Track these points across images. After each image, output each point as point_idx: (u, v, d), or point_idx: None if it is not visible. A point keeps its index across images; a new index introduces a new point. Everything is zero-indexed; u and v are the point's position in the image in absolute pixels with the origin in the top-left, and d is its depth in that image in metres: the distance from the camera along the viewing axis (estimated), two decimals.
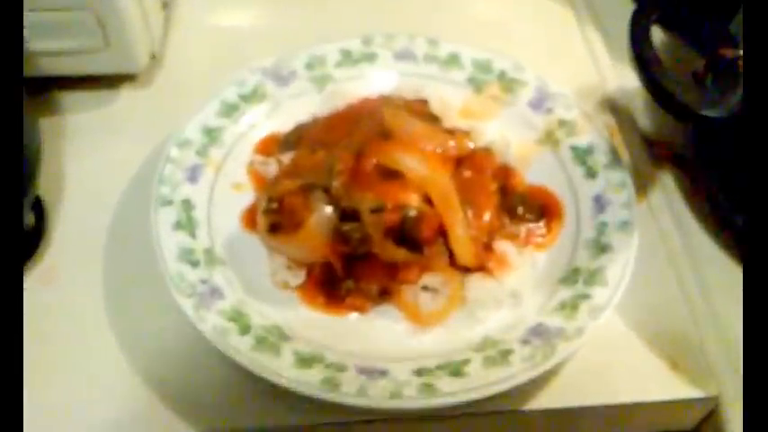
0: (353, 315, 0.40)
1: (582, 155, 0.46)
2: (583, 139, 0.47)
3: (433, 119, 0.45)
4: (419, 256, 0.39)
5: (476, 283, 0.40)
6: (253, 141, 0.47)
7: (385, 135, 0.42)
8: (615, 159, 0.45)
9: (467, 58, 0.51)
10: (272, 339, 0.38)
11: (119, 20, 0.46)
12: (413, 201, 0.39)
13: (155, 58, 0.52)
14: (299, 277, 0.41)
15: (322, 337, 0.39)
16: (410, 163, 0.40)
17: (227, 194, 0.45)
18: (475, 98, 0.50)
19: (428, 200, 0.40)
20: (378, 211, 0.39)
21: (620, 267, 0.40)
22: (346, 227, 0.39)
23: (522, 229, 0.43)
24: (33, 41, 0.46)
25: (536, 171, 0.47)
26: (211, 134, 0.47)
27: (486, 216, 0.42)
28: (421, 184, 0.40)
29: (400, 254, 0.39)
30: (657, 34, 0.48)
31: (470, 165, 0.43)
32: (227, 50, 0.56)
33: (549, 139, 0.48)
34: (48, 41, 0.46)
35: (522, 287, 0.41)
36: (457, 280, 0.40)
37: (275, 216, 0.40)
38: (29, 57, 0.47)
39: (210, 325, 0.38)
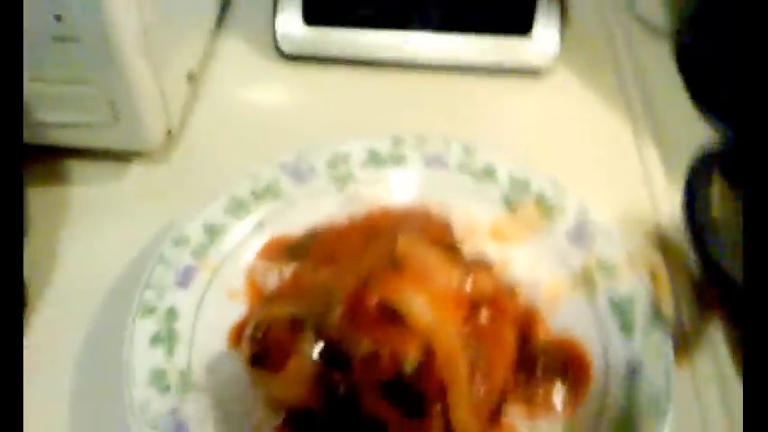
0: None
1: (619, 306, 0.41)
2: (623, 287, 0.41)
3: (454, 249, 0.40)
4: (411, 421, 0.34)
5: None
6: (258, 244, 0.44)
7: (395, 265, 0.37)
8: (657, 318, 0.40)
9: (503, 172, 0.46)
10: None
11: (129, 97, 0.43)
12: (413, 352, 0.34)
13: (171, 135, 0.49)
14: (276, 418, 0.37)
15: None
16: (415, 306, 0.35)
17: (220, 303, 0.41)
18: (507, 219, 0.45)
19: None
20: (370, 359, 0.34)
21: None
22: (333, 375, 0.34)
23: (539, 391, 0.38)
24: (36, 112, 0.43)
25: (565, 318, 0.41)
26: (213, 232, 0.43)
27: (499, 375, 0.37)
28: (425, 334, 0.35)
29: (391, 414, 0.34)
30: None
31: (489, 306, 0.38)
32: (253, 133, 0.52)
33: (585, 281, 0.42)
34: (52, 113, 0.43)
35: None
36: None
37: (258, 347, 0.36)
38: (32, 125, 0.44)
39: None
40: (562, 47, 0.55)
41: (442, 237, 0.40)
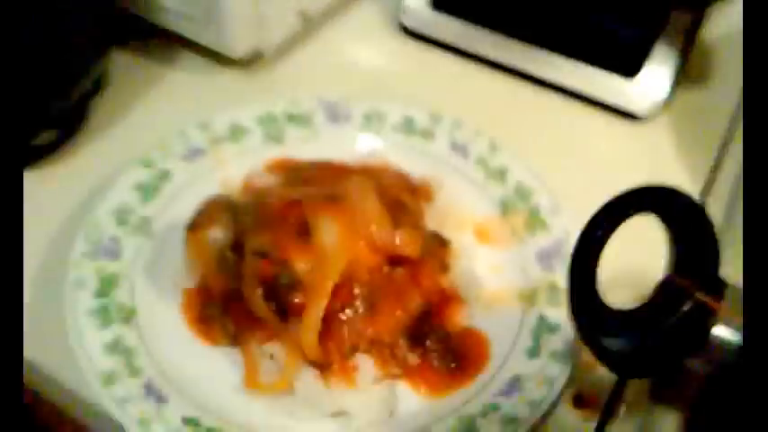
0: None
1: (543, 329, 0.39)
2: (558, 314, 0.39)
3: (403, 211, 0.41)
4: (278, 322, 0.37)
5: (308, 378, 0.36)
6: (271, 156, 0.48)
7: (335, 197, 0.40)
8: (567, 353, 0.37)
9: (513, 177, 0.46)
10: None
11: (220, 4, 0.50)
12: (299, 266, 0.37)
13: (258, 55, 0.56)
14: (189, 282, 0.41)
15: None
16: (325, 229, 0.37)
17: (212, 187, 0.45)
18: (497, 221, 0.45)
19: None
20: (259, 255, 0.37)
21: None
22: (230, 256, 0.38)
23: (416, 361, 0.38)
24: None
25: (489, 319, 0.40)
26: (237, 131, 0.48)
27: (378, 326, 0.37)
28: (316, 251, 0.37)
29: (261, 308, 0.37)
30: None
31: (409, 270, 0.39)
32: (343, 83, 0.57)
33: (529, 298, 0.41)
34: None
35: (352, 412, 0.36)
36: (295, 364, 0.36)
37: (197, 214, 0.40)
38: (152, 7, 0.53)
39: (77, 274, 0.39)
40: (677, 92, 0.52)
41: (398, 197, 0.41)
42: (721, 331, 0.28)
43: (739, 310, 0.28)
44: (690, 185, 0.50)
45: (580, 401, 0.38)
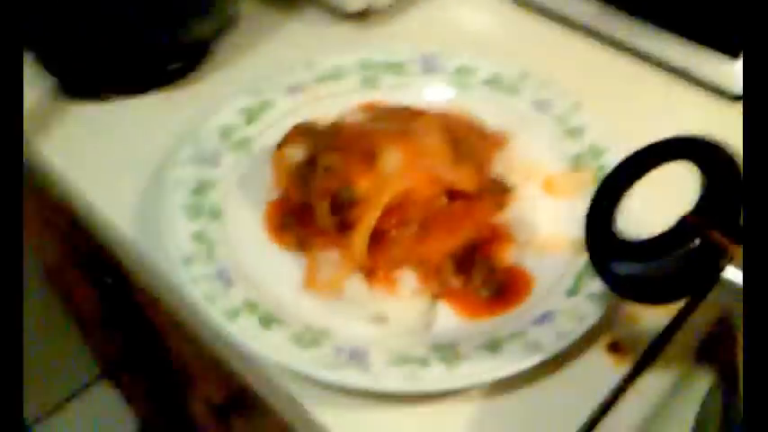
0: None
1: (587, 275, 0.40)
2: None
3: (468, 153, 0.43)
4: (337, 232, 0.41)
5: (356, 282, 0.40)
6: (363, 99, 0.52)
7: (405, 132, 0.43)
8: (602, 299, 0.38)
9: (589, 136, 0.47)
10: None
11: None
12: (361, 184, 0.40)
13: (371, 11, 0.60)
14: (273, 195, 0.46)
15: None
16: (389, 156, 0.41)
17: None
18: (566, 175, 0.47)
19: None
20: (328, 171, 0.41)
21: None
22: (306, 171, 0.42)
23: (458, 285, 0.40)
24: None
25: (538, 260, 0.42)
26: (334, 74, 0.53)
27: (427, 248, 0.40)
28: (380, 176, 0.41)
29: (325, 219, 0.41)
30: None
31: (465, 203, 0.42)
32: (446, 39, 0.60)
33: (581, 248, 0.42)
34: None
35: (393, 316, 0.39)
36: (346, 270, 0.40)
37: (282, 137, 0.45)
38: None
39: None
40: None
41: (466, 138, 0.44)
42: (733, 275, 0.28)
43: None
44: None
45: (616, 348, 0.40)
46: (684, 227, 0.30)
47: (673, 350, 0.40)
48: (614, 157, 0.45)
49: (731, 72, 0.52)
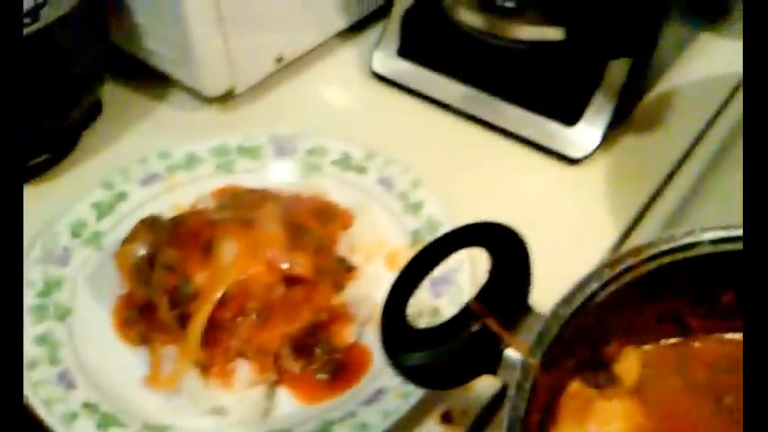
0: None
1: None
2: None
3: (303, 234, 0.45)
4: (177, 328, 0.42)
5: (192, 378, 0.41)
6: (221, 183, 0.54)
7: (244, 220, 0.45)
8: None
9: (427, 211, 0.50)
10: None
11: (192, 48, 0.57)
12: (198, 278, 0.42)
13: (234, 96, 0.62)
14: (122, 290, 0.47)
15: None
16: (226, 248, 0.43)
17: (162, 208, 0.52)
18: (407, 250, 0.49)
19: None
20: (167, 268, 0.42)
21: None
22: (145, 266, 0.44)
23: (297, 370, 0.42)
24: (143, 39, 0.59)
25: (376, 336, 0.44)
26: (192, 160, 0.55)
27: (265, 336, 0.42)
28: (218, 270, 0.42)
29: (166, 315, 0.42)
30: None
31: (303, 289, 0.44)
32: (310, 120, 0.62)
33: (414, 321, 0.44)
34: (147, 40, 0.59)
35: (230, 409, 0.40)
36: (184, 366, 0.41)
37: (130, 231, 0.47)
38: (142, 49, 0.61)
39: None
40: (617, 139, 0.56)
41: (304, 222, 0.46)
42: (509, 354, 0.31)
43: (537, 337, 0.31)
44: (613, 227, 0.52)
45: (447, 419, 0.42)
46: (467, 313, 0.32)
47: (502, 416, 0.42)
48: (445, 229, 0.48)
49: (566, 138, 0.56)
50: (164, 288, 0.42)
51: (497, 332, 0.31)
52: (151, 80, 0.64)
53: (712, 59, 0.64)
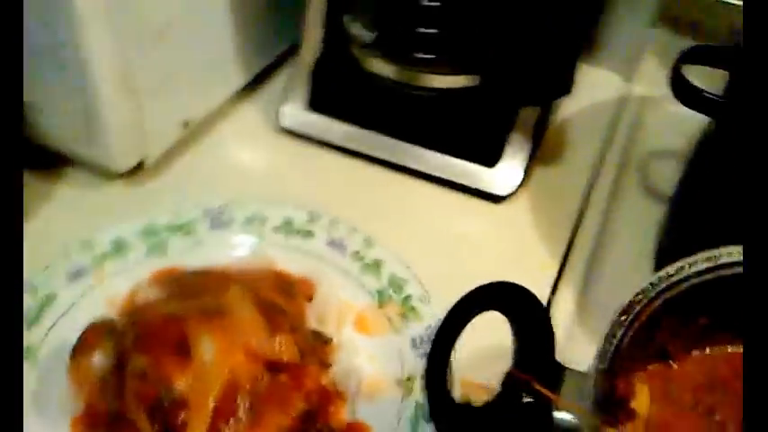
0: None
1: (419, 415, 0.42)
2: None
3: (278, 314, 0.43)
4: None
5: None
6: (155, 267, 0.50)
7: (213, 310, 0.42)
8: None
9: (387, 269, 0.49)
10: None
11: (99, 121, 0.52)
12: (180, 384, 0.38)
13: (144, 168, 0.58)
14: (76, 409, 0.42)
15: None
16: (203, 345, 0.39)
17: (97, 307, 0.46)
18: (374, 311, 0.48)
19: None
20: (140, 376, 0.38)
21: None
22: (112, 379, 0.39)
23: None
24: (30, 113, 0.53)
25: (370, 410, 0.43)
26: (120, 247, 0.50)
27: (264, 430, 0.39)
28: (200, 370, 0.39)
29: (147, 429, 0.38)
30: None
31: (290, 373, 0.41)
32: (228, 187, 0.59)
33: (406, 385, 0.44)
34: (42, 116, 0.53)
35: None
36: None
37: (78, 341, 0.42)
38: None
39: None
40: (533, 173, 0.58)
41: (273, 300, 0.44)
42: (562, 416, 0.31)
43: (578, 393, 0.32)
44: (548, 258, 0.55)
45: None
46: (512, 384, 0.32)
47: None
48: (412, 288, 0.48)
49: (490, 178, 0.58)
50: (140, 400, 0.38)
51: (549, 397, 0.31)
52: (46, 162, 0.58)
53: (593, 89, 0.69)
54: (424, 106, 0.60)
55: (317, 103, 0.63)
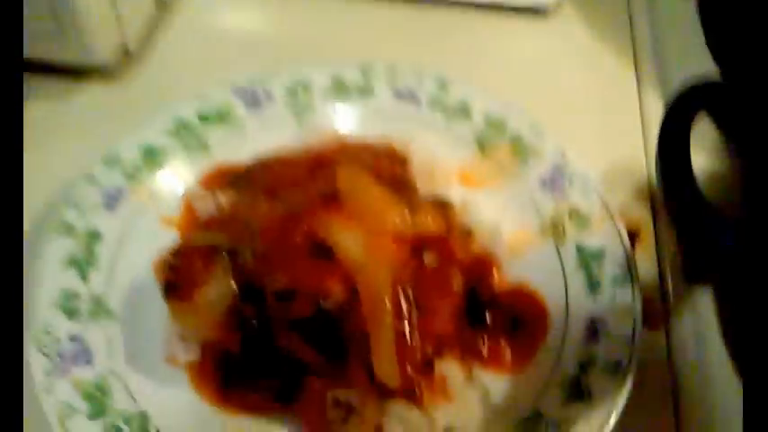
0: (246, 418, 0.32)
1: (588, 259, 0.36)
2: (594, 239, 0.37)
3: (404, 186, 0.36)
4: (331, 363, 0.31)
5: (399, 411, 0.31)
6: (201, 170, 0.40)
7: (331, 199, 0.33)
8: (626, 275, 0.35)
9: (479, 111, 0.42)
10: None
11: (71, 7, 0.40)
12: (335, 290, 0.31)
13: (129, 54, 0.46)
14: (191, 353, 0.33)
15: None
16: (346, 240, 0.31)
17: (152, 230, 0.38)
18: (478, 161, 0.41)
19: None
20: (285, 297, 0.30)
21: (597, 425, 0.30)
22: (245, 308, 0.31)
23: (485, 343, 0.34)
24: None
25: (527, 266, 0.37)
26: (152, 155, 0.39)
27: (439, 322, 0.33)
28: (352, 270, 0.31)
29: (308, 354, 0.31)
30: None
31: (436, 249, 0.34)
32: (225, 58, 0.48)
33: (555, 230, 0.38)
34: None
35: (461, 425, 0.31)
36: (375, 403, 0.31)
37: (172, 274, 0.32)
38: None
39: (56, 399, 0.30)
40: None
41: (393, 172, 0.36)
42: None
43: None
44: (621, 58, 0.49)
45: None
46: None
47: None
48: (519, 123, 0.41)
49: None
50: (288, 321, 0.30)
51: None
52: None
53: None
54: None
55: None
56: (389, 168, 0.36)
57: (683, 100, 0.30)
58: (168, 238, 0.37)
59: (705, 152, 0.36)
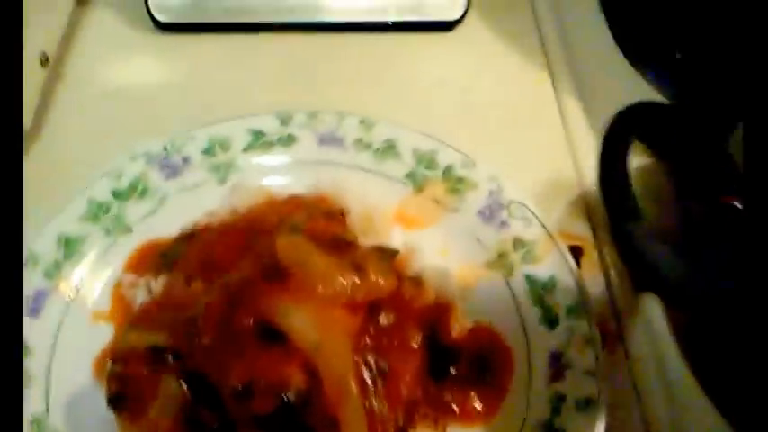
0: None
1: (539, 290, 0.36)
2: (543, 269, 0.37)
3: (345, 245, 0.34)
4: None
5: None
6: (125, 254, 0.38)
7: (272, 275, 0.32)
8: (580, 304, 0.35)
9: (407, 147, 0.41)
10: None
11: None
12: (295, 379, 0.29)
13: (24, 129, 0.42)
14: None
15: None
16: (297, 321, 0.30)
17: (82, 329, 0.35)
18: (415, 199, 0.40)
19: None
20: (243, 395, 0.29)
21: None
22: (202, 413, 0.29)
23: (454, 393, 0.33)
24: None
25: (480, 304, 0.36)
26: (70, 245, 0.37)
27: (406, 384, 0.32)
28: (309, 353, 0.30)
29: None
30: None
31: (391, 307, 0.33)
32: (125, 118, 0.45)
33: (501, 262, 0.38)
34: None
35: None
36: None
37: (117, 385, 0.30)
38: None
39: None
40: None
41: (331, 232, 0.35)
42: None
43: None
44: (532, 65, 0.49)
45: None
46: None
47: None
48: (449, 156, 0.40)
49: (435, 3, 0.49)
50: (251, 420, 0.28)
51: None
52: None
53: None
54: None
55: None
56: (327, 228, 0.35)
57: (613, 135, 0.30)
58: (103, 335, 0.35)
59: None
